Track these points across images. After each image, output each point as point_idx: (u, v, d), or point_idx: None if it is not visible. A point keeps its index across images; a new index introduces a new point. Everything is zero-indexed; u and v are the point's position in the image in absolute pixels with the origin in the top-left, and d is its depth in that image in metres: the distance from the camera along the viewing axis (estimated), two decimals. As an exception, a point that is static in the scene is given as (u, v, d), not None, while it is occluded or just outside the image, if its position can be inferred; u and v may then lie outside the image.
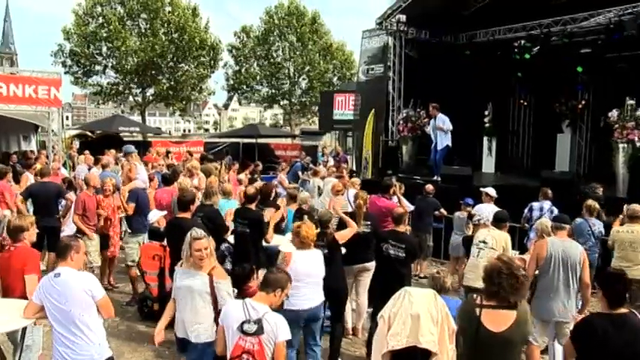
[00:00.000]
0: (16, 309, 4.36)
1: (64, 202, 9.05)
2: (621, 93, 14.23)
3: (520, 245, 9.17)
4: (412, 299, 4.61)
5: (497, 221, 6.65)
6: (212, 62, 36.60)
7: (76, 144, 20.62)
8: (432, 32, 16.73)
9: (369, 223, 7.09)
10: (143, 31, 34.93)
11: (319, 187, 12.72)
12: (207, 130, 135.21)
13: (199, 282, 4.60)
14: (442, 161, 13.43)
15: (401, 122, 16.04)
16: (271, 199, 9.21)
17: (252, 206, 7.05)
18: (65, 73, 33.76)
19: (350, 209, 10.90)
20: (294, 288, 5.40)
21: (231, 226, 7.52)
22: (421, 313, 4.52)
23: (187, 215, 6.41)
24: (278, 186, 14.38)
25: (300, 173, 16.92)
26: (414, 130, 15.76)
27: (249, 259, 6.71)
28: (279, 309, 4.42)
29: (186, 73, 35.51)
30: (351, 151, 24.84)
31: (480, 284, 6.28)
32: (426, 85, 15.99)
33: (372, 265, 6.85)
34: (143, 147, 22.99)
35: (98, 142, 22.32)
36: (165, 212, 7.92)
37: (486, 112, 16.78)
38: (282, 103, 43.62)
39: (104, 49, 34.51)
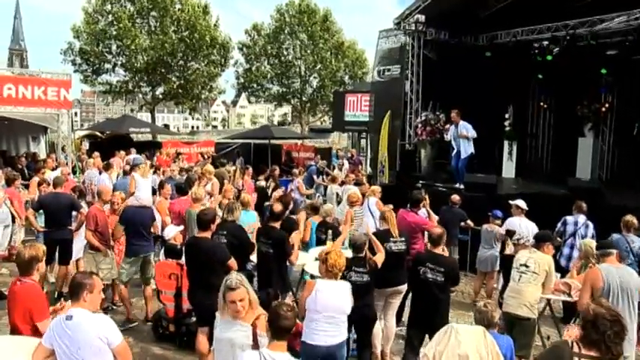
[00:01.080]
0: (26, 354, 3.90)
1: (74, 212, 8.64)
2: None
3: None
4: (460, 337, 4.20)
5: (539, 241, 6.16)
6: (222, 60, 36.18)
7: (86, 145, 20.28)
8: (451, 33, 16.25)
9: (403, 239, 6.68)
10: (153, 29, 34.54)
11: (338, 194, 12.30)
12: (215, 127, 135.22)
13: (241, 334, 4.10)
14: (465, 169, 12.93)
15: (419, 125, 15.58)
16: (289, 209, 8.77)
17: (277, 225, 6.61)
18: (75, 71, 33.52)
19: (370, 219, 10.53)
20: (312, 320, 5.00)
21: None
22: (470, 353, 4.13)
23: (207, 235, 5.99)
24: (295, 191, 14.00)
25: (315, 177, 16.52)
26: (432, 134, 15.31)
27: (273, 282, 6.29)
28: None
29: (196, 71, 35.10)
30: (364, 152, 24.41)
31: (522, 312, 5.89)
32: (445, 88, 15.54)
33: (404, 287, 6.45)
34: (153, 147, 22.72)
35: (108, 142, 22.02)
36: (181, 227, 7.51)
37: (507, 116, 16.30)
38: (292, 101, 43.16)
39: (114, 47, 34.15)
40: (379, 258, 5.92)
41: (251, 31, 41.36)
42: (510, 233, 7.33)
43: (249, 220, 8.68)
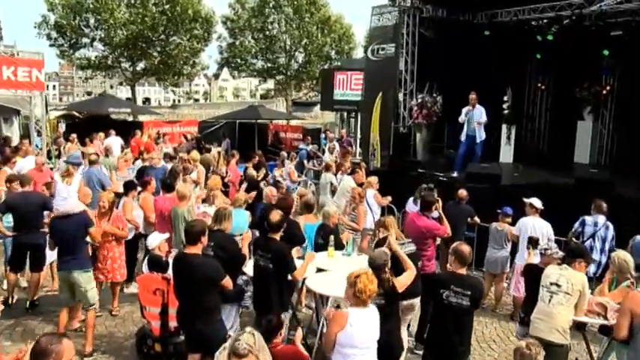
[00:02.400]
0: None
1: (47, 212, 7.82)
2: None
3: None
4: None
5: (572, 257, 5.47)
6: (205, 35, 34.86)
7: (62, 126, 19.21)
8: (449, 10, 15.48)
9: (409, 240, 6.02)
10: (132, 1, 33.03)
11: (332, 184, 11.59)
12: (197, 100, 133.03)
13: None
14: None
15: (415, 108, 14.82)
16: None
17: (277, 236, 5.86)
18: (50, 45, 32.12)
19: (369, 214, 9.88)
20: (347, 356, 4.34)
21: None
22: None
23: (197, 250, 5.23)
24: (286, 178, 13.30)
25: (305, 162, 15.78)
26: (429, 117, 14.56)
27: (271, 302, 5.57)
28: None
29: (178, 46, 33.74)
30: (353, 133, 23.67)
31: (554, 338, 5.26)
32: (441, 68, 14.84)
33: (418, 300, 5.83)
34: (134, 128, 21.69)
35: (86, 123, 20.99)
36: (167, 235, 6.69)
37: (505, 98, 15.57)
38: (277, 77, 42.03)
39: (91, 20, 32.64)
40: (408, 277, 5.22)
41: (235, 5, 39.98)
42: (534, 241, 6.63)
43: (240, 220, 7.94)
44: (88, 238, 6.79)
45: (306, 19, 38.74)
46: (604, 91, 15.85)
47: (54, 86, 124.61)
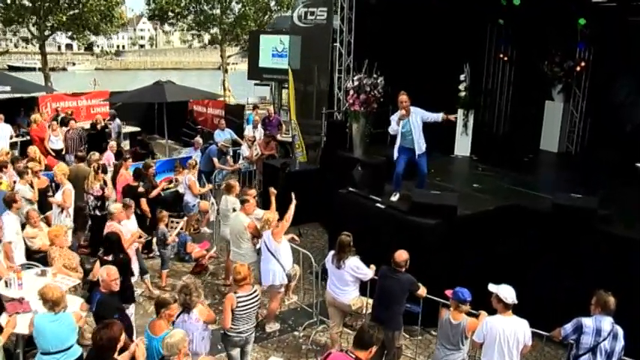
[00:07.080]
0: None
1: None
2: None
3: None
4: None
5: None
6: (124, -14, 30.29)
7: None
8: (394, -34, 12.59)
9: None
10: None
11: (234, 210, 8.57)
12: (142, 46, 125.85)
13: None
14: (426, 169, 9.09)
15: (351, 92, 11.81)
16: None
17: None
18: None
19: (274, 265, 7.17)
20: None
21: None
22: None
23: None
24: (186, 191, 10.35)
25: (215, 160, 12.67)
26: (367, 104, 11.54)
27: None
28: None
29: (91, -1, 28.95)
30: (287, 105, 20.57)
31: None
32: (384, 41, 12.37)
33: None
34: (27, 106, 17.90)
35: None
36: None
37: (462, 77, 12.80)
38: (212, 31, 37.82)
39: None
40: None
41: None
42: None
43: (61, 330, 4.99)
44: None
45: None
46: (578, 68, 13.35)
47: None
